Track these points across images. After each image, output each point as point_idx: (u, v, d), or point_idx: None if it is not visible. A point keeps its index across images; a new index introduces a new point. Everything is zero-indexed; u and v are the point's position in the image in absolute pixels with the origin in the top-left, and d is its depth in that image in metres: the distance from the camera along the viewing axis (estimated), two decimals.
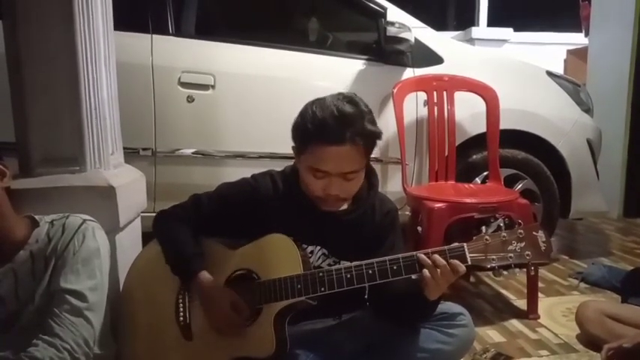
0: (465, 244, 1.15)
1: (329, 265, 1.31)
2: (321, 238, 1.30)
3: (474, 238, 1.16)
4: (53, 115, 1.38)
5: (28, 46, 1.36)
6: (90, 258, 1.17)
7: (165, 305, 1.30)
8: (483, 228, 1.18)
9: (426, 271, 1.14)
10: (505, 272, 1.15)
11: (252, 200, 1.30)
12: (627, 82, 3.40)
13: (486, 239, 1.15)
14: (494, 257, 1.14)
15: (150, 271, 1.35)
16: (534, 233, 1.15)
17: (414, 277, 1.17)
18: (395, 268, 1.16)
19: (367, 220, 1.33)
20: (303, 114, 1.24)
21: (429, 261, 1.14)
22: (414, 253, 1.17)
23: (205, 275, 1.24)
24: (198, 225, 1.31)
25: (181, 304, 1.29)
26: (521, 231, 1.15)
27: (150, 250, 1.37)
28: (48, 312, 1.13)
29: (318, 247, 1.31)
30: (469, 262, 1.14)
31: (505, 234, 1.15)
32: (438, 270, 1.13)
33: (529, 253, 1.14)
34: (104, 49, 1.44)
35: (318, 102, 1.23)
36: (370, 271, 1.17)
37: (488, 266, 1.14)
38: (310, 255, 1.29)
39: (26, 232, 1.19)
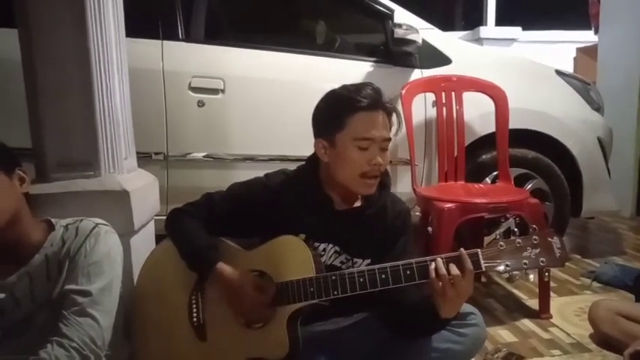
0: (479, 250, 1.14)
1: (341, 262, 1.32)
2: (334, 235, 1.31)
3: (488, 243, 1.15)
4: (67, 120, 1.41)
5: (42, 52, 1.38)
6: (100, 261, 1.19)
7: (178, 306, 1.32)
8: (497, 233, 1.18)
9: (435, 281, 1.13)
10: (517, 273, 1.15)
11: (264, 198, 1.31)
12: (638, 79, 3.36)
13: (501, 245, 1.14)
14: (508, 263, 1.13)
15: (161, 271, 1.36)
16: (549, 239, 1.14)
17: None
18: (408, 272, 1.16)
19: (380, 219, 1.33)
20: (327, 99, 1.30)
21: (443, 269, 1.12)
22: (428, 258, 1.16)
23: (223, 265, 1.25)
24: (210, 223, 1.32)
25: (194, 305, 1.31)
26: (536, 237, 1.14)
27: (159, 251, 1.39)
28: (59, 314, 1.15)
29: (331, 245, 1.31)
30: (483, 269, 1.14)
31: (520, 240, 1.14)
32: (450, 279, 1.12)
33: (544, 259, 1.13)
34: (116, 55, 1.46)
35: (337, 88, 1.30)
36: (383, 276, 1.17)
37: (502, 272, 1.14)
38: (322, 253, 1.30)
39: (42, 235, 1.22)
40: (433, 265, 1.14)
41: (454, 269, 1.13)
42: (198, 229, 1.30)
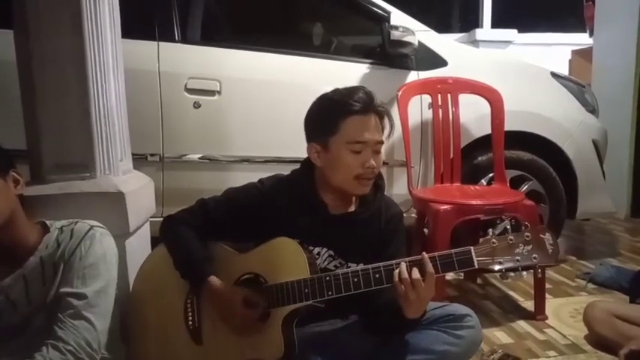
0: (471, 247, 1.15)
1: (335, 266, 1.32)
2: (328, 239, 1.31)
3: (481, 240, 1.16)
4: (63, 122, 1.40)
5: (38, 54, 1.38)
6: (96, 263, 1.18)
7: (174, 309, 1.32)
8: (490, 230, 1.18)
9: (398, 284, 1.14)
10: (512, 274, 1.16)
11: (259, 203, 1.31)
12: (633, 82, 3.39)
13: (493, 242, 1.15)
14: (501, 260, 1.14)
15: (157, 275, 1.36)
16: (541, 236, 1.15)
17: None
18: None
19: (374, 223, 1.34)
20: (320, 103, 1.30)
21: (405, 274, 1.14)
22: (420, 257, 1.17)
23: (214, 279, 1.26)
24: (205, 229, 1.32)
25: (190, 308, 1.31)
26: (528, 234, 1.15)
27: (156, 255, 1.39)
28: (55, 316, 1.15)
29: (325, 249, 1.32)
30: (476, 266, 1.14)
31: (512, 237, 1.15)
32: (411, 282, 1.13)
33: (536, 255, 1.14)
34: (112, 57, 1.46)
35: (329, 92, 1.31)
36: (377, 275, 1.17)
37: (496, 269, 1.14)
38: (317, 257, 1.30)
39: (37, 237, 1.21)
40: (398, 269, 1.15)
41: (415, 273, 1.13)
42: (193, 239, 1.31)
